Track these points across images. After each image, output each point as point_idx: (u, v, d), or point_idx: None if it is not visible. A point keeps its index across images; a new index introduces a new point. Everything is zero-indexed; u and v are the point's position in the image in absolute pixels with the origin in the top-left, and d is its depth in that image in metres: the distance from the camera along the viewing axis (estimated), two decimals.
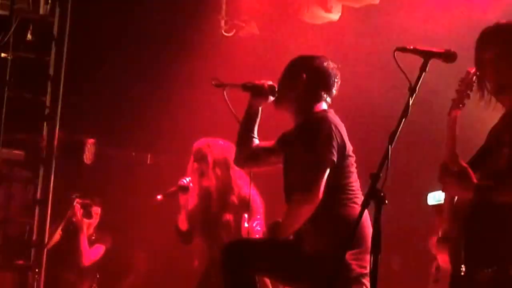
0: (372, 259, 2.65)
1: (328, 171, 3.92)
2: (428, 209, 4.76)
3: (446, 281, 3.10)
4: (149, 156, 8.10)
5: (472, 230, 3.04)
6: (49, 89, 6.36)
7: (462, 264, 3.03)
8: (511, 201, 2.92)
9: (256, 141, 4.31)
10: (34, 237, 6.27)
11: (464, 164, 2.96)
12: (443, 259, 3.12)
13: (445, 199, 3.16)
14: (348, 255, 3.76)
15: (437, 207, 4.15)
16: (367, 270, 3.69)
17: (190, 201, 5.50)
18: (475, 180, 2.93)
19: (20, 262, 6.19)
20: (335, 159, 3.93)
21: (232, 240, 4.87)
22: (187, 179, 5.46)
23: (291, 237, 4.05)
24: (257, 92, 4.22)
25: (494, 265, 2.96)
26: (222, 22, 7.05)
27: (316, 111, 4.11)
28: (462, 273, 3.02)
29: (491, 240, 3.00)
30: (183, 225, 5.50)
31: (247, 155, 4.33)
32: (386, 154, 2.76)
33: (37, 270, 6.15)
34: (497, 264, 2.96)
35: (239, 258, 3.97)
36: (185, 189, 5.43)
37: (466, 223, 3.05)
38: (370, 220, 3.07)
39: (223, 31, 7.06)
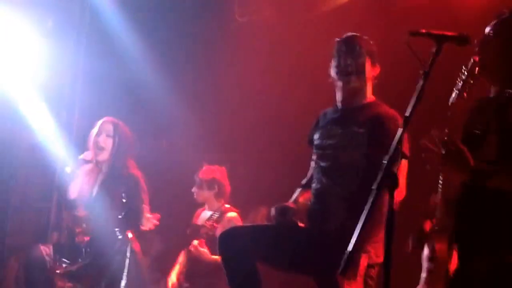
0: (385, 241, 2.64)
1: None
2: None
3: (441, 272, 3.15)
4: (164, 140, 8.19)
5: (464, 220, 3.05)
6: (69, 75, 6.49)
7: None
8: (504, 187, 2.94)
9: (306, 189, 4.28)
10: (51, 221, 6.41)
11: (463, 147, 2.95)
12: (440, 249, 3.14)
13: (440, 188, 3.14)
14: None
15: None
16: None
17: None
18: (472, 163, 2.92)
19: None
20: None
21: (230, 227, 4.89)
22: (90, 153, 5.68)
23: (300, 222, 4.04)
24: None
25: (490, 254, 2.97)
26: (236, 7, 7.08)
27: (377, 101, 4.15)
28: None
29: (485, 229, 3.00)
30: (72, 193, 5.68)
31: None
32: (400, 139, 2.75)
33: None
34: (494, 253, 2.97)
35: (239, 245, 3.92)
36: (86, 161, 5.65)
37: (458, 214, 3.06)
38: None
39: (237, 16, 7.08)
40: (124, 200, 5.43)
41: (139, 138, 7.53)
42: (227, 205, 6.31)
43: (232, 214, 6.21)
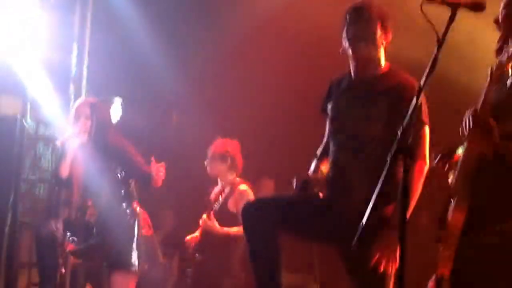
0: (400, 211, 2.64)
1: None
2: None
3: (452, 241, 3.07)
4: (174, 115, 8.18)
5: (480, 190, 3.04)
6: (75, 49, 6.45)
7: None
8: None
9: (324, 156, 4.16)
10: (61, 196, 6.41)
11: (492, 122, 2.93)
12: (456, 218, 3.07)
13: (462, 157, 3.13)
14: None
15: None
16: None
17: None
18: (497, 140, 2.92)
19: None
20: None
21: (254, 200, 4.81)
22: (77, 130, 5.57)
23: (321, 192, 3.98)
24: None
25: (503, 224, 2.99)
26: None
27: (393, 68, 4.01)
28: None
29: (500, 200, 3.01)
30: (64, 172, 5.58)
31: None
32: (414, 108, 2.74)
33: None
34: (506, 223, 2.99)
35: (262, 216, 3.89)
36: (75, 136, 5.55)
37: (474, 184, 3.05)
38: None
39: None
40: (119, 175, 5.42)
41: (147, 113, 7.55)
42: (238, 178, 6.29)
43: (243, 187, 6.20)
